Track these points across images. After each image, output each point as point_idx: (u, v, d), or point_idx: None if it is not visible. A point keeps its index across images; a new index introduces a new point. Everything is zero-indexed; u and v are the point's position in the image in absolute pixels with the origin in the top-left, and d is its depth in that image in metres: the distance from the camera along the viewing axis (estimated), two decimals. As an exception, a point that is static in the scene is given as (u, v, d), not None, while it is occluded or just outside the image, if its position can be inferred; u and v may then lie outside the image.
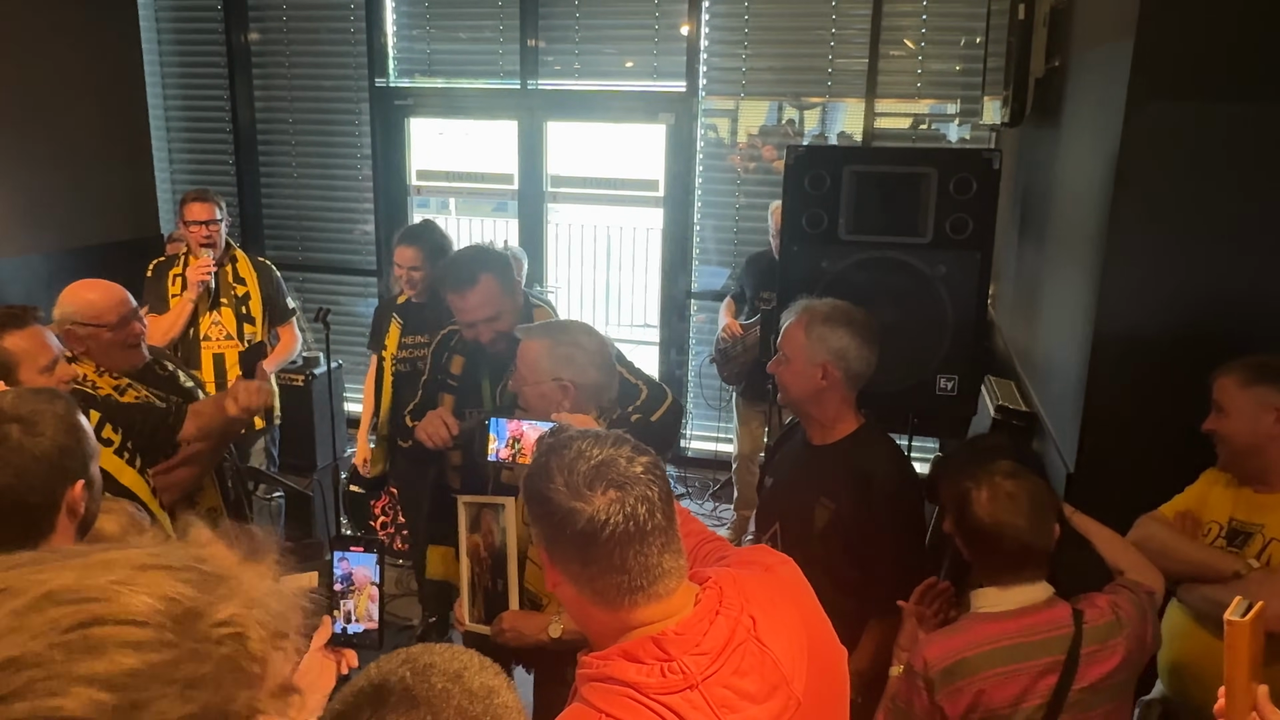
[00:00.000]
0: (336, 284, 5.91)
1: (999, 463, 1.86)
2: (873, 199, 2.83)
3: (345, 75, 5.59)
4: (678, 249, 5.36)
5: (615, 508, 1.17)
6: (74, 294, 2.63)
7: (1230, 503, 2.15)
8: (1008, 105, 3.40)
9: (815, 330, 2.26)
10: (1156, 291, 2.39)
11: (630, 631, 1.21)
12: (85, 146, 5.14)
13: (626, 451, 1.22)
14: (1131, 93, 2.31)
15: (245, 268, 4.06)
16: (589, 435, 1.25)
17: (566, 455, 1.21)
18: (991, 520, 1.80)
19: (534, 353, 2.26)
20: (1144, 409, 2.42)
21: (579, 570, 1.20)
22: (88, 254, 4.99)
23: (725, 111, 5.32)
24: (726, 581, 1.27)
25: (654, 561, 1.19)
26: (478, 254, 2.83)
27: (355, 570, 1.59)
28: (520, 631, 2.21)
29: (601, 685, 1.19)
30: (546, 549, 1.24)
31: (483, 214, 7.28)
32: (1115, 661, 1.78)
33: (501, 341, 2.65)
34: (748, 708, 1.19)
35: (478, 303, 2.64)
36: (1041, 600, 1.82)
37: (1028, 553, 1.81)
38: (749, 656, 1.22)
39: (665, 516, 1.20)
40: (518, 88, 5.33)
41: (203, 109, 5.83)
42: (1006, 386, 3.35)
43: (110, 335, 2.59)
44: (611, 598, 1.20)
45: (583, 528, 1.16)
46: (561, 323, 2.55)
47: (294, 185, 5.85)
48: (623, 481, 1.18)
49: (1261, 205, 2.29)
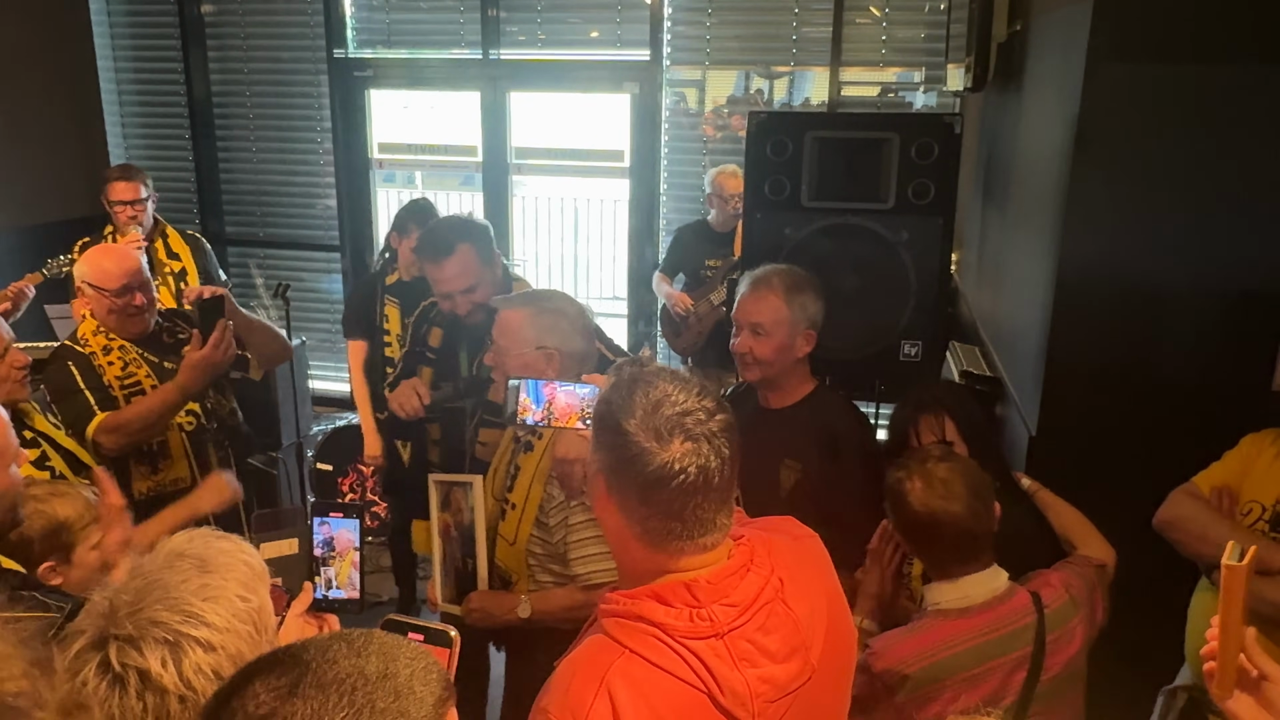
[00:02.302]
0: (299, 259, 5.82)
1: (929, 448, 1.83)
2: (835, 165, 2.81)
3: (303, 46, 5.47)
4: (644, 220, 5.33)
5: (690, 459, 1.17)
6: (93, 256, 2.75)
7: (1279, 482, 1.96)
8: (970, 71, 3.39)
9: (796, 300, 2.24)
10: (1117, 253, 2.39)
11: (665, 575, 1.23)
12: (35, 121, 5.01)
13: (709, 404, 1.21)
14: (1091, 55, 2.31)
15: (177, 243, 3.96)
16: (675, 377, 1.24)
17: (652, 394, 1.20)
18: (926, 511, 1.73)
19: (516, 322, 2.21)
20: (1104, 371, 2.43)
21: (635, 507, 1.21)
22: (41, 231, 4.87)
23: (692, 81, 5.27)
24: (759, 541, 1.30)
25: (709, 516, 1.21)
26: (456, 223, 2.78)
27: (337, 535, 1.56)
28: (488, 611, 2.19)
29: (627, 622, 1.21)
30: (605, 477, 1.24)
31: (449, 188, 7.19)
32: (1075, 646, 1.75)
33: (479, 313, 2.62)
34: (767, 664, 1.21)
35: (454, 273, 2.60)
36: (1002, 591, 1.75)
37: (970, 540, 1.74)
38: (774, 615, 1.24)
39: (729, 476, 1.22)
40: (479, 58, 5.25)
41: (156, 81, 5.68)
42: (970, 352, 3.36)
43: (109, 301, 2.67)
44: (659, 539, 1.21)
45: (653, 470, 1.17)
46: (541, 291, 2.51)
47: (252, 159, 5.74)
48: (700, 435, 1.18)
49: (1220, 167, 2.30)
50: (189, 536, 1.18)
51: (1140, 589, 2.02)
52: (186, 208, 5.73)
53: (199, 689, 1.02)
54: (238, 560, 1.16)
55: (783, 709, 1.22)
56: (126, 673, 1.01)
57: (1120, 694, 2.08)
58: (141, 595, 1.06)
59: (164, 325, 2.85)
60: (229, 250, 5.77)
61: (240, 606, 1.11)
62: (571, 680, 1.18)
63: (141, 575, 1.10)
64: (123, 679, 1.01)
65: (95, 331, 2.73)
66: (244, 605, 1.11)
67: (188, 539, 1.17)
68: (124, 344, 2.72)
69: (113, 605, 1.06)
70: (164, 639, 1.03)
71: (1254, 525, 1.95)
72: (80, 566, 1.90)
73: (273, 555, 1.52)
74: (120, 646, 1.02)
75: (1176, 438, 2.29)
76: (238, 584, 1.12)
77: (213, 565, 1.13)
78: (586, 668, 1.19)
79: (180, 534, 1.19)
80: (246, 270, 5.87)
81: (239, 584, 1.13)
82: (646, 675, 1.17)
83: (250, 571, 1.16)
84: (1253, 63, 2.24)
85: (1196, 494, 2.05)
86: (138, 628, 1.03)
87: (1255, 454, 2.02)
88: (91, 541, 1.92)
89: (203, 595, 1.08)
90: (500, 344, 2.23)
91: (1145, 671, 2.18)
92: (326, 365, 5.85)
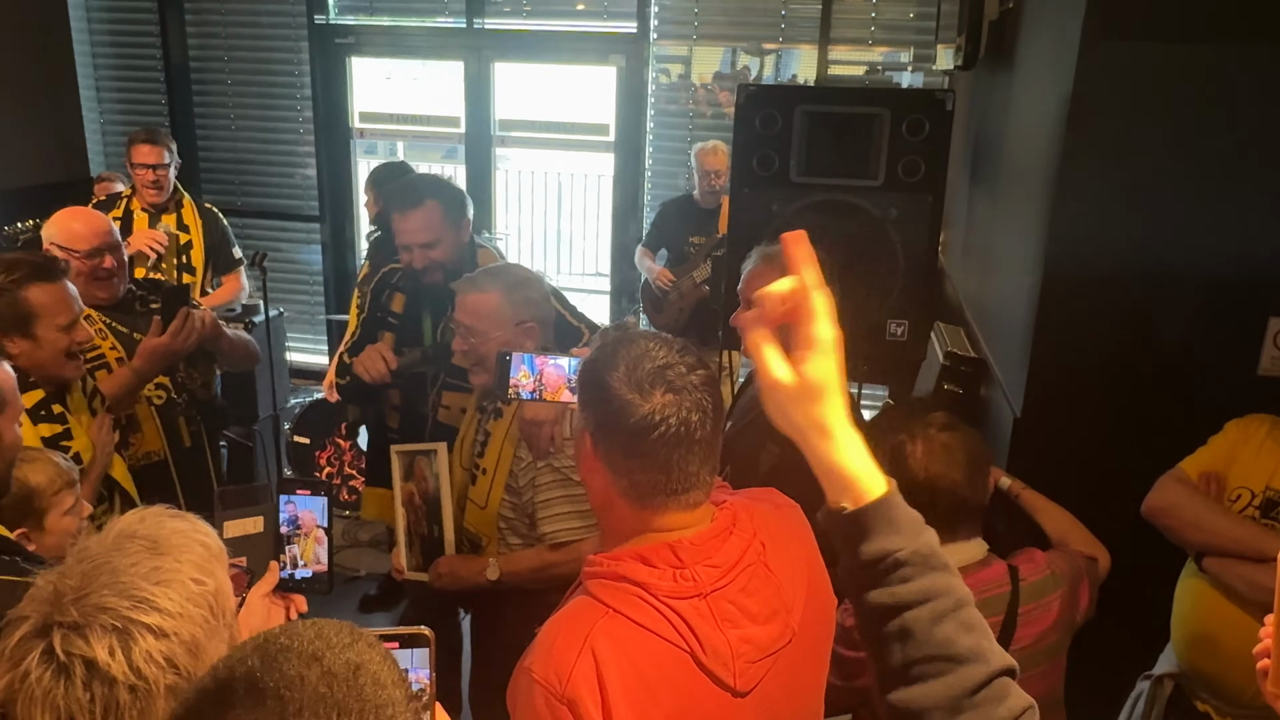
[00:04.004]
0: (278, 230, 5.74)
1: (933, 415, 1.82)
2: (824, 140, 2.78)
3: (283, 11, 5.37)
4: (629, 195, 5.28)
5: (670, 410, 1.20)
6: (61, 218, 2.71)
7: (1270, 468, 1.94)
8: (961, 50, 3.35)
9: None
10: (1106, 234, 2.38)
11: (648, 534, 1.25)
12: (6, 85, 4.90)
13: (690, 360, 1.25)
14: (1085, 33, 2.28)
15: (190, 215, 3.91)
16: (656, 337, 1.28)
17: (633, 350, 1.23)
18: (925, 474, 1.73)
19: (491, 303, 2.20)
20: (1091, 353, 2.42)
21: (620, 461, 1.23)
22: (15, 197, 4.78)
23: (679, 57, 5.22)
24: (741, 506, 1.32)
25: (693, 470, 1.23)
26: (429, 180, 2.84)
27: (302, 514, 1.53)
28: (457, 574, 2.23)
29: (611, 583, 1.23)
30: (592, 434, 1.26)
31: (432, 159, 7.12)
32: (1049, 620, 1.75)
33: (436, 272, 2.64)
34: (749, 625, 1.24)
35: (418, 225, 2.62)
36: (978, 559, 1.77)
37: (963, 507, 1.75)
38: (756, 578, 1.26)
39: (713, 430, 1.24)
40: (464, 27, 5.17)
41: (132, 45, 5.57)
42: (956, 333, 3.35)
43: (78, 263, 2.60)
44: (644, 494, 1.23)
45: (636, 421, 1.20)
46: (501, 267, 2.48)
47: (231, 127, 5.64)
48: (681, 386, 1.21)
49: (1213, 148, 2.28)
50: (140, 516, 1.12)
51: (1124, 573, 2.02)
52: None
53: (150, 678, 0.98)
54: (192, 540, 1.11)
55: (763, 670, 1.25)
56: (72, 662, 0.96)
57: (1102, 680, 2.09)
58: (88, 580, 1.01)
59: (136, 293, 2.78)
60: (206, 219, 5.67)
61: (194, 590, 1.05)
62: (555, 640, 1.20)
63: (88, 558, 1.04)
64: (68, 668, 0.96)
65: None
66: (199, 589, 1.06)
67: (139, 518, 1.12)
68: (90, 313, 2.63)
69: (57, 590, 1.00)
70: (112, 626, 0.98)
71: (1243, 511, 1.94)
72: (53, 533, 1.86)
73: (237, 534, 1.50)
74: (65, 634, 0.97)
75: (1162, 420, 2.29)
76: (192, 566, 1.07)
77: (165, 546, 1.07)
78: (570, 627, 1.21)
79: (132, 513, 1.13)
80: (224, 240, 5.77)
81: (193, 566, 1.07)
82: (630, 634, 1.19)
83: (206, 552, 1.11)
84: (1247, 42, 2.22)
85: (1185, 480, 2.01)
86: (83, 614, 0.98)
87: (1242, 439, 2.00)
88: (64, 507, 1.88)
89: (154, 579, 1.03)
90: (477, 327, 2.20)
91: (1129, 658, 2.19)
92: (305, 338, 5.79)
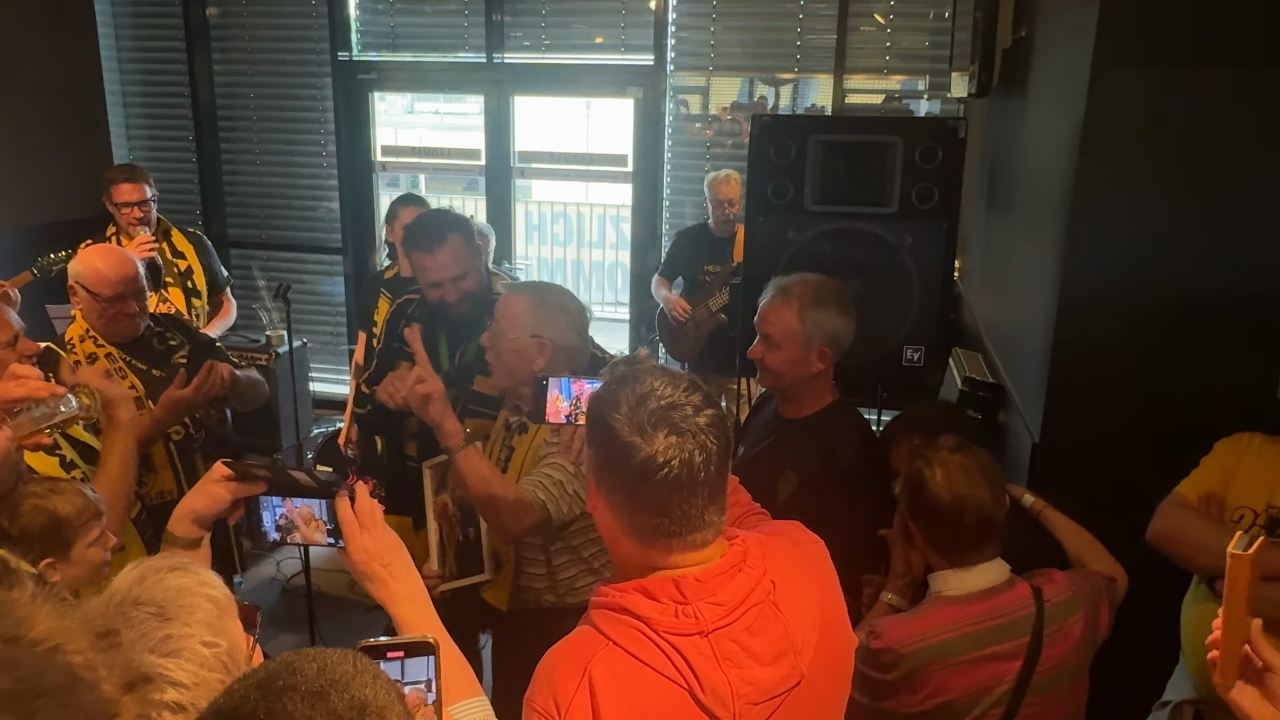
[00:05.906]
0: (301, 263, 5.82)
1: (942, 439, 1.83)
2: (838, 169, 2.80)
3: (307, 49, 5.47)
4: (647, 225, 5.32)
5: (672, 452, 1.16)
6: (88, 256, 2.69)
7: (1269, 486, 1.92)
8: (975, 78, 3.38)
9: (810, 315, 2.18)
10: (1121, 260, 2.38)
11: (656, 572, 1.22)
12: (39, 122, 5.00)
13: (697, 400, 1.21)
14: (1096, 60, 2.29)
15: (181, 241, 3.95)
16: (664, 374, 1.24)
17: (637, 389, 1.20)
18: (951, 496, 1.74)
19: (517, 307, 2.26)
20: (1109, 378, 2.41)
21: (622, 502, 1.21)
22: (44, 232, 4.86)
23: (696, 88, 5.27)
24: (753, 543, 1.28)
25: (696, 512, 1.20)
26: (443, 214, 2.86)
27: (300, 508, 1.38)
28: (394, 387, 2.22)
29: (613, 614, 1.21)
30: (595, 473, 1.25)
31: (453, 192, 7.21)
32: (1073, 641, 1.75)
33: (466, 302, 2.67)
34: (752, 666, 1.20)
35: (447, 261, 2.64)
36: (1003, 581, 1.78)
37: (988, 526, 1.76)
38: (763, 617, 1.22)
39: (718, 471, 1.20)
40: (484, 61, 5.25)
41: (161, 84, 5.69)
42: (974, 359, 3.34)
43: (101, 306, 2.63)
44: (646, 536, 1.21)
45: (636, 464, 1.17)
46: (546, 284, 2.60)
47: (256, 161, 5.74)
48: (685, 429, 1.18)
49: (1226, 172, 2.29)
50: (140, 575, 1.06)
51: (1145, 596, 2.00)
52: (190, 209, 5.72)
53: None
54: (199, 598, 1.05)
55: (767, 712, 1.21)
56: None
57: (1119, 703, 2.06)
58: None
59: (155, 330, 2.79)
60: (231, 252, 5.77)
61: (208, 655, 1.01)
62: (555, 670, 1.19)
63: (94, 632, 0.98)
64: None
65: (83, 336, 2.67)
66: (212, 652, 1.01)
67: (139, 577, 1.06)
68: (111, 351, 2.67)
69: None
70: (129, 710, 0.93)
71: (1249, 531, 1.88)
72: (79, 564, 1.88)
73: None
74: None
75: (1181, 445, 2.26)
76: (203, 627, 1.02)
77: (172, 609, 1.02)
78: (570, 657, 1.20)
79: (129, 572, 1.07)
80: (249, 272, 5.86)
81: (204, 627, 1.02)
82: (628, 669, 1.17)
83: (215, 608, 1.05)
84: (1258, 68, 2.22)
85: (1187, 504, 2.00)
86: None
87: (1234, 459, 1.99)
88: (90, 538, 1.90)
89: (164, 650, 0.98)
90: (499, 325, 2.28)
91: (1148, 680, 2.16)
92: (327, 368, 5.84)
